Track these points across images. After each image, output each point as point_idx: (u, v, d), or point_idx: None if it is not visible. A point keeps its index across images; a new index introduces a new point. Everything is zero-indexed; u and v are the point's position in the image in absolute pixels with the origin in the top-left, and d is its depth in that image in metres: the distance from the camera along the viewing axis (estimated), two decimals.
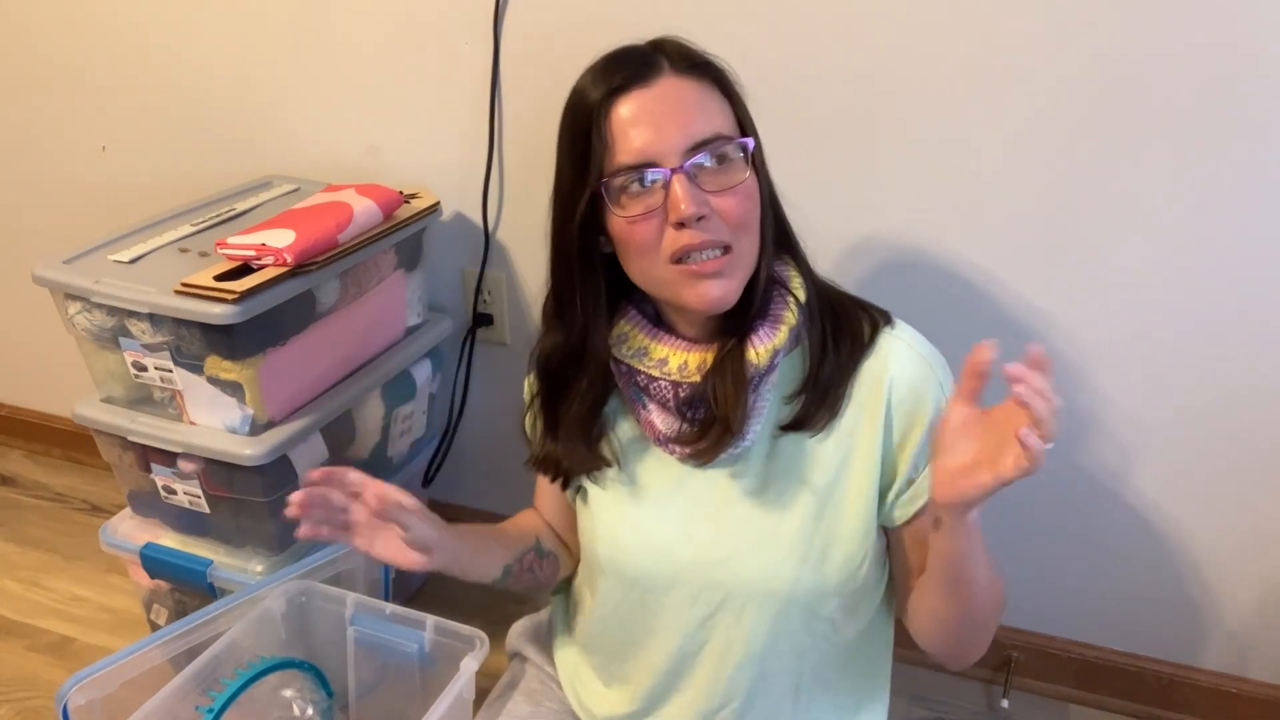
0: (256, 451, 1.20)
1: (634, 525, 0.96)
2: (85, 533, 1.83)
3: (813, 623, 0.94)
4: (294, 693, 1.16)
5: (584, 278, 0.90)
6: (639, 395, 0.94)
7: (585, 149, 0.85)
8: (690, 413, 0.91)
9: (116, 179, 1.72)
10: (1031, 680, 1.50)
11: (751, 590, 0.92)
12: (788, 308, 0.90)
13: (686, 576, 0.94)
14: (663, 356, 0.91)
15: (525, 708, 1.11)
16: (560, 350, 0.94)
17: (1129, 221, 1.20)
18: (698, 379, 0.90)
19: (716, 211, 0.83)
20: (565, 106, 0.88)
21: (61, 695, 1.02)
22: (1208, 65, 1.11)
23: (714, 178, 0.83)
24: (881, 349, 0.91)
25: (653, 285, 0.89)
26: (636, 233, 0.84)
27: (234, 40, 1.53)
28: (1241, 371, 1.23)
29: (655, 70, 0.84)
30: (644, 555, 0.96)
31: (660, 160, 0.82)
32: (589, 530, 1.01)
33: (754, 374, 0.88)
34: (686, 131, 0.82)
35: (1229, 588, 1.36)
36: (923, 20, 1.19)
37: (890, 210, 1.30)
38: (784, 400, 0.92)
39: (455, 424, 1.68)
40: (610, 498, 0.98)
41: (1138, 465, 1.33)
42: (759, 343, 0.88)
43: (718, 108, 0.86)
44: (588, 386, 0.94)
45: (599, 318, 0.92)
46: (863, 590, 0.95)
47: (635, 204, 0.84)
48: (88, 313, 1.21)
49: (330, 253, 1.22)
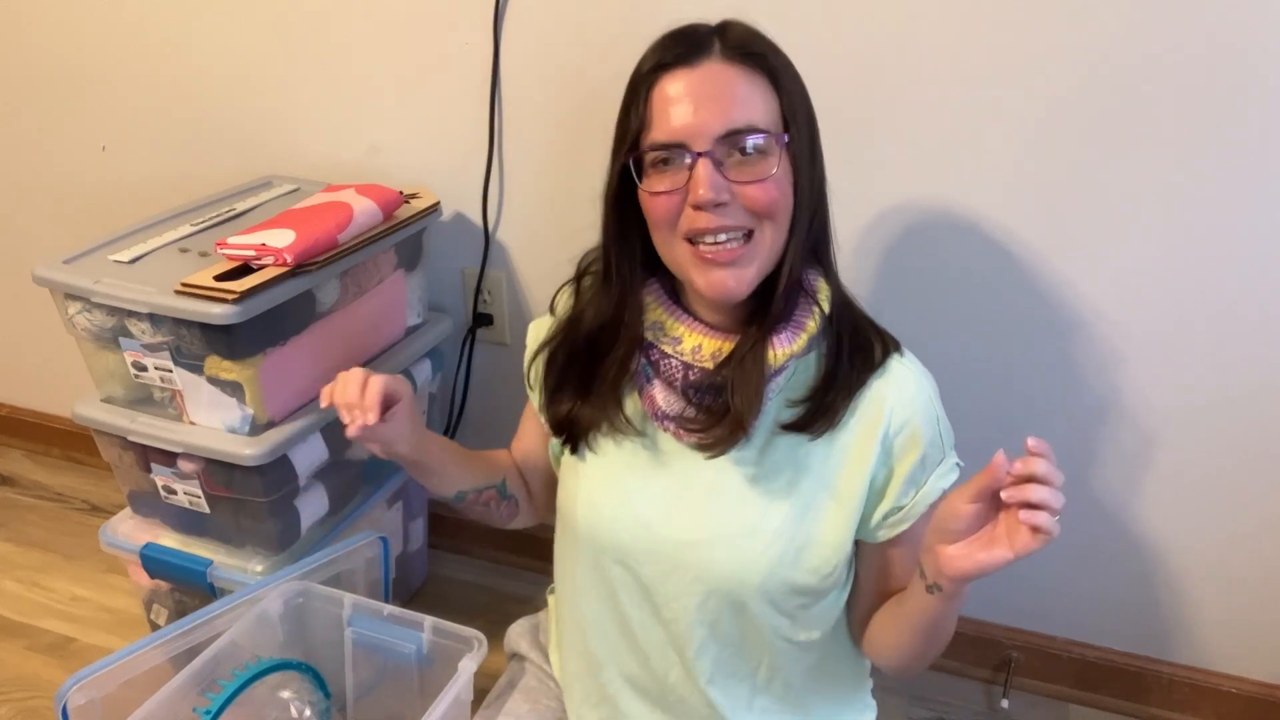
0: (256, 451, 1.20)
1: (618, 495, 0.98)
2: (85, 533, 1.84)
3: (773, 615, 0.96)
4: (292, 694, 1.16)
5: (620, 245, 0.93)
6: (646, 368, 0.95)
7: (626, 119, 0.89)
8: (696, 397, 0.92)
9: (116, 179, 1.72)
10: (1031, 680, 1.50)
11: (723, 576, 0.94)
12: (811, 317, 0.91)
13: (660, 553, 0.96)
14: (679, 335, 0.93)
15: (524, 706, 1.11)
16: (601, 315, 0.96)
17: (1129, 217, 1.21)
18: (709, 366, 0.91)
19: (739, 198, 0.85)
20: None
21: (61, 695, 1.02)
22: (1218, 56, 1.11)
23: (741, 167, 0.85)
24: (890, 372, 0.93)
25: (671, 262, 0.91)
26: (657, 206, 0.87)
27: (234, 40, 1.53)
28: (1242, 371, 1.24)
29: (704, 53, 0.85)
30: (622, 525, 0.97)
31: (691, 143, 0.84)
32: (571, 493, 1.02)
33: (768, 373, 0.90)
34: (722, 118, 0.83)
35: (1229, 588, 1.36)
36: (923, 13, 1.19)
37: (888, 207, 1.30)
38: (787, 403, 0.93)
39: (455, 424, 1.68)
40: (600, 465, 1.00)
41: (1138, 465, 1.33)
42: (779, 345, 0.89)
43: (760, 99, 0.86)
44: (624, 354, 0.95)
45: (634, 286, 0.94)
46: (826, 594, 0.97)
47: (660, 180, 0.86)
48: (88, 313, 1.21)
49: (330, 253, 1.22)
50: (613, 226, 0.93)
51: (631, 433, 0.97)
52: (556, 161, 1.43)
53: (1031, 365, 1.32)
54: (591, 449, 1.00)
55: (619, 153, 0.89)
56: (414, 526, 1.65)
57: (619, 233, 0.93)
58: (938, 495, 0.92)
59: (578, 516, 1.00)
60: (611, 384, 0.97)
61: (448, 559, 1.78)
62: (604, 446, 0.99)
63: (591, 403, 0.98)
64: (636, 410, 0.98)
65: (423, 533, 1.69)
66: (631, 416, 0.98)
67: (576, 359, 0.99)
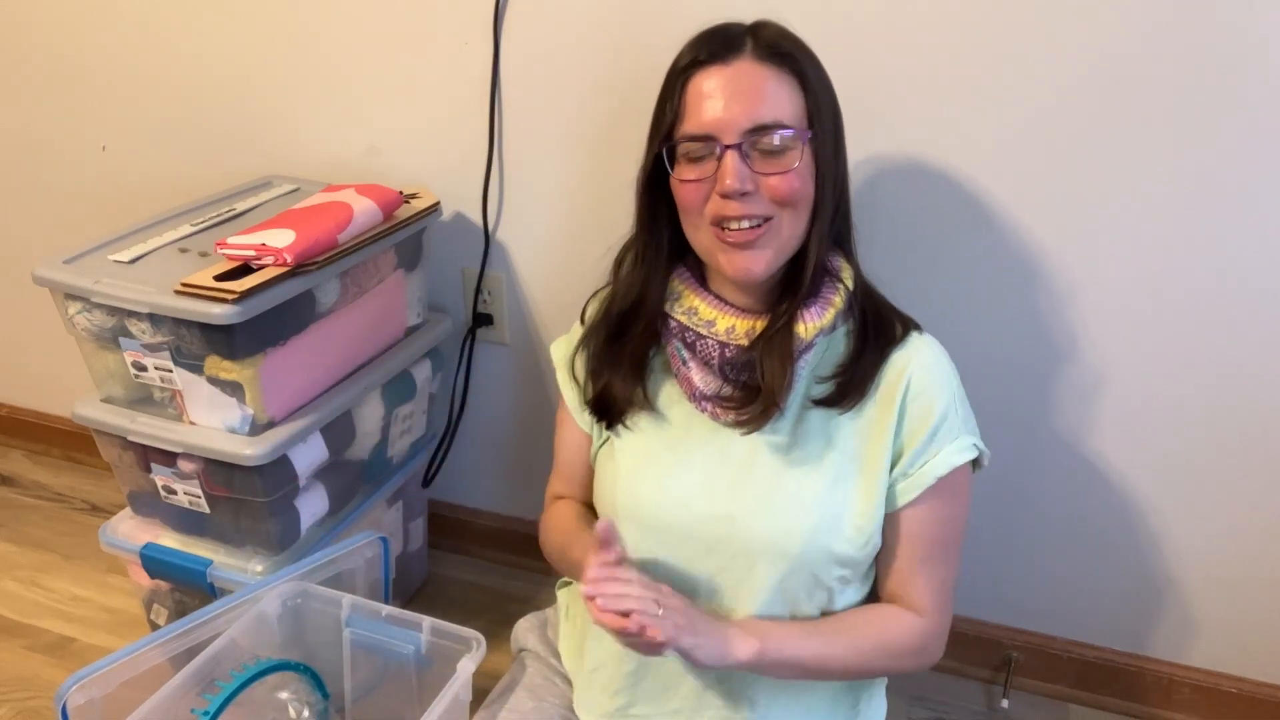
0: (256, 451, 1.20)
1: (656, 475, 1.01)
2: (85, 533, 1.84)
3: (814, 589, 0.98)
4: (290, 695, 1.16)
5: (650, 230, 1.00)
6: (681, 351, 1.00)
7: (662, 111, 0.95)
8: (733, 374, 0.97)
9: (116, 179, 1.72)
10: (1031, 680, 1.50)
11: (764, 547, 0.97)
12: (837, 293, 0.98)
13: (701, 529, 0.99)
14: (711, 318, 0.98)
15: (528, 703, 1.11)
16: (631, 294, 1.02)
17: (1129, 210, 1.20)
18: (745, 343, 0.97)
19: (763, 188, 0.91)
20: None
21: (61, 694, 1.03)
22: (1217, 43, 1.11)
23: (766, 160, 0.91)
24: (910, 345, 0.99)
25: (698, 246, 0.97)
26: (686, 193, 0.94)
27: (234, 40, 1.53)
28: (1242, 371, 1.23)
29: (737, 52, 0.91)
30: (663, 505, 1.00)
31: (720, 136, 0.90)
32: (610, 478, 1.05)
33: (798, 348, 0.95)
34: (750, 114, 0.89)
35: (1229, 588, 1.36)
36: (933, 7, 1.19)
37: (886, 205, 1.30)
38: (816, 379, 0.98)
39: (455, 424, 1.68)
40: (636, 447, 1.04)
41: (1138, 465, 1.33)
42: (809, 319, 0.95)
43: (788, 97, 0.91)
44: (641, 333, 1.02)
45: (658, 271, 1.01)
46: (863, 566, 1.00)
47: (691, 170, 0.93)
48: (88, 313, 1.21)
49: (330, 253, 1.22)
50: (645, 211, 1.00)
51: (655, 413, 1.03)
52: (557, 161, 1.43)
53: (1032, 365, 1.32)
54: (628, 426, 1.04)
55: (653, 142, 0.96)
56: (414, 526, 1.65)
57: (650, 217, 0.99)
58: (946, 470, 0.96)
59: (618, 501, 1.03)
60: (633, 359, 1.03)
61: (448, 559, 1.78)
62: (640, 425, 1.04)
63: (624, 377, 1.03)
64: (669, 396, 1.02)
65: (423, 532, 1.69)
66: (661, 404, 1.03)
67: (611, 338, 1.05)
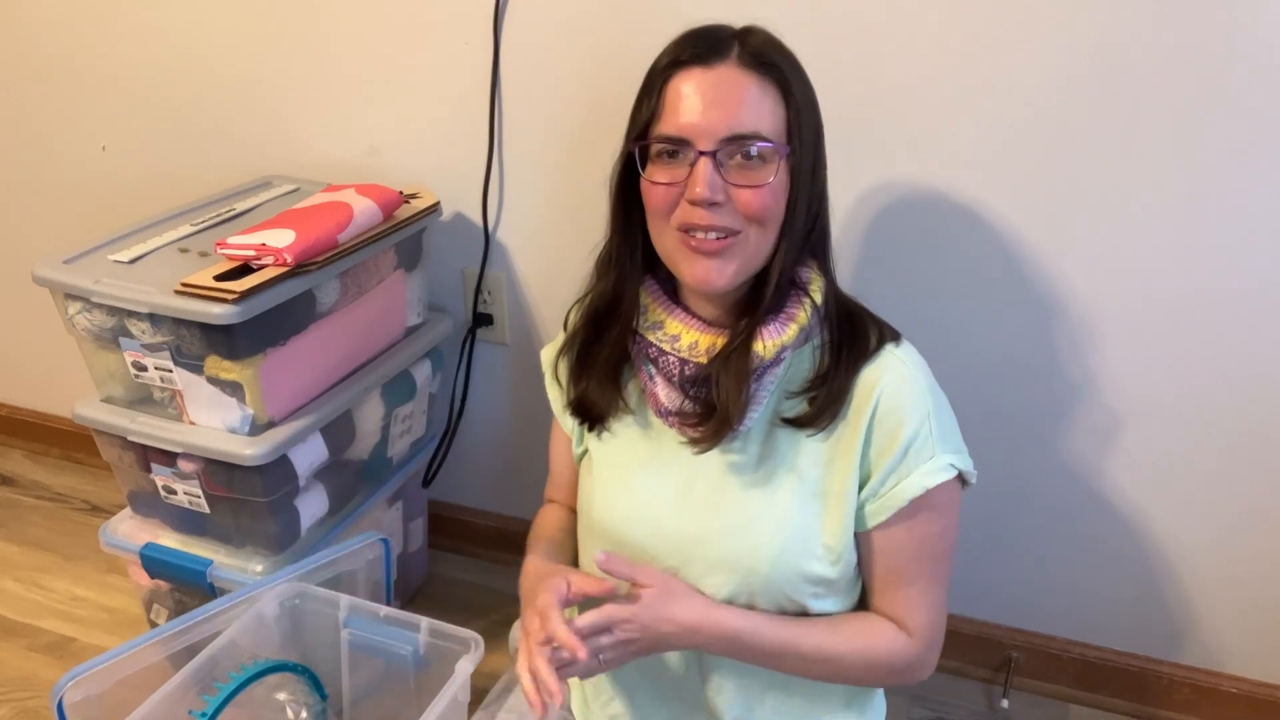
0: (256, 451, 1.20)
1: (628, 491, 1.00)
2: (85, 533, 1.84)
3: (786, 608, 0.96)
4: (288, 696, 1.16)
5: (623, 232, 0.97)
6: (648, 366, 0.98)
7: (639, 109, 0.91)
8: (693, 390, 0.94)
9: (116, 178, 1.72)
10: (1031, 680, 1.50)
11: (733, 566, 0.94)
12: (802, 308, 0.93)
13: (671, 548, 0.97)
14: (676, 333, 0.95)
15: (526, 704, 1.11)
16: (604, 297, 0.99)
17: (1124, 213, 1.20)
18: (704, 360, 0.93)
19: (734, 201, 0.87)
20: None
21: (57, 691, 1.02)
22: (1214, 43, 1.11)
23: (740, 172, 0.87)
24: (881, 360, 0.94)
25: (662, 251, 0.94)
26: (655, 196, 0.90)
27: (234, 40, 1.53)
28: (1243, 371, 1.23)
29: (721, 56, 0.88)
30: (633, 521, 0.99)
31: (695, 141, 0.86)
32: (587, 492, 1.05)
33: (758, 365, 0.91)
34: (728, 122, 0.86)
35: (1229, 587, 1.36)
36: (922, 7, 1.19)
37: (879, 210, 1.30)
38: (786, 394, 0.94)
39: (455, 424, 1.68)
40: (610, 461, 1.03)
41: (1138, 465, 1.33)
42: (768, 336, 0.91)
43: (769, 109, 0.88)
44: (617, 337, 0.99)
45: (633, 273, 0.97)
46: (841, 583, 0.97)
47: (662, 172, 0.89)
48: (88, 313, 1.21)
49: (330, 253, 1.22)
50: (618, 212, 0.96)
51: (629, 417, 1.01)
52: (556, 161, 1.43)
53: (1031, 363, 1.32)
54: (610, 430, 1.02)
55: (628, 140, 0.92)
56: (414, 526, 1.65)
57: (623, 218, 0.96)
58: (919, 491, 0.91)
59: (593, 515, 1.02)
60: (605, 364, 1.00)
61: (448, 559, 1.78)
62: (618, 432, 1.02)
63: (600, 381, 1.01)
64: (640, 404, 1.01)
65: (422, 533, 1.69)
66: (637, 409, 1.01)
67: (589, 342, 1.03)
